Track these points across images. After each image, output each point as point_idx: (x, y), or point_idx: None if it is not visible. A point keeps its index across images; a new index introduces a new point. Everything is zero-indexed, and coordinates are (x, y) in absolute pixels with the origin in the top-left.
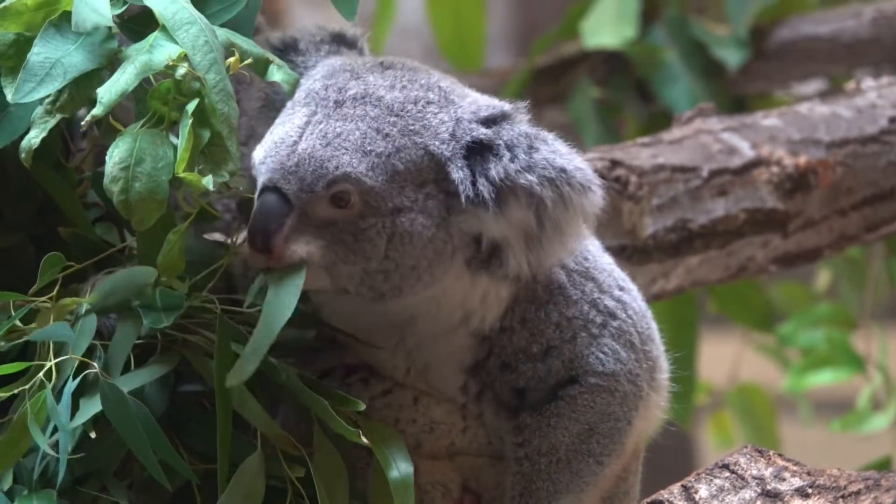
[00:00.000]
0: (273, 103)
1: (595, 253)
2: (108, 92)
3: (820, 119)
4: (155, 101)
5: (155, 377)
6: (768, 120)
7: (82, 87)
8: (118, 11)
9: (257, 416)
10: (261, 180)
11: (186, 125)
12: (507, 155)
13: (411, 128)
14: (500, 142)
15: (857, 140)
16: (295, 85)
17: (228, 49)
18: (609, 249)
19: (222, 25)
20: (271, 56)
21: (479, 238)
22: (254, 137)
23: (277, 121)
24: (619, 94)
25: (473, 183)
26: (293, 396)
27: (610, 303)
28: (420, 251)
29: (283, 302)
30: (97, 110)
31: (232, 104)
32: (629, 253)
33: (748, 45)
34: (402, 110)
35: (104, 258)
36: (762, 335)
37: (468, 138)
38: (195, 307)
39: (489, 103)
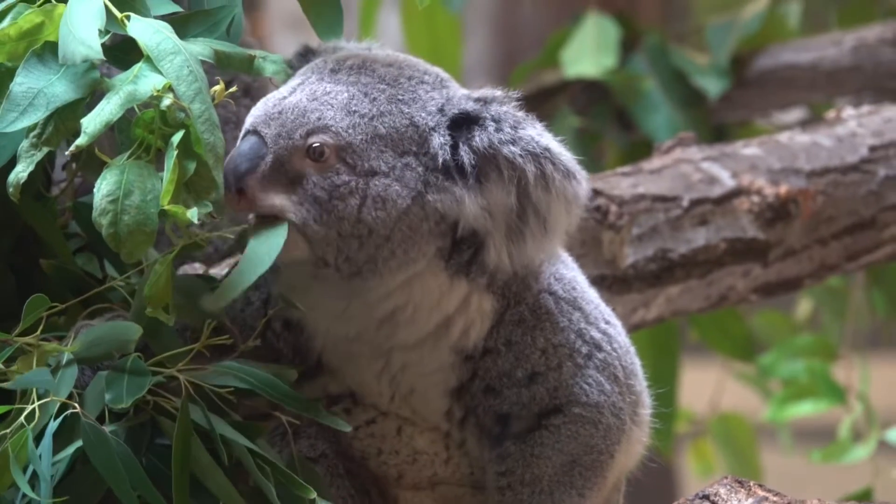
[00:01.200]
0: None
1: (583, 284)
2: (93, 122)
3: (800, 148)
4: (139, 130)
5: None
6: (749, 149)
7: (66, 117)
8: (102, 41)
9: (220, 487)
10: (244, 127)
11: (172, 157)
12: (493, 126)
13: (399, 97)
14: (487, 115)
15: (837, 169)
16: (286, 73)
17: (211, 58)
18: (589, 279)
19: None
20: (253, 52)
21: (455, 226)
22: None
23: None
24: (599, 122)
25: (454, 151)
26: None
27: (596, 334)
28: (394, 221)
29: (262, 254)
30: (81, 140)
31: (217, 134)
32: (609, 282)
33: (728, 73)
34: (394, 81)
35: (85, 287)
36: (742, 364)
37: (455, 111)
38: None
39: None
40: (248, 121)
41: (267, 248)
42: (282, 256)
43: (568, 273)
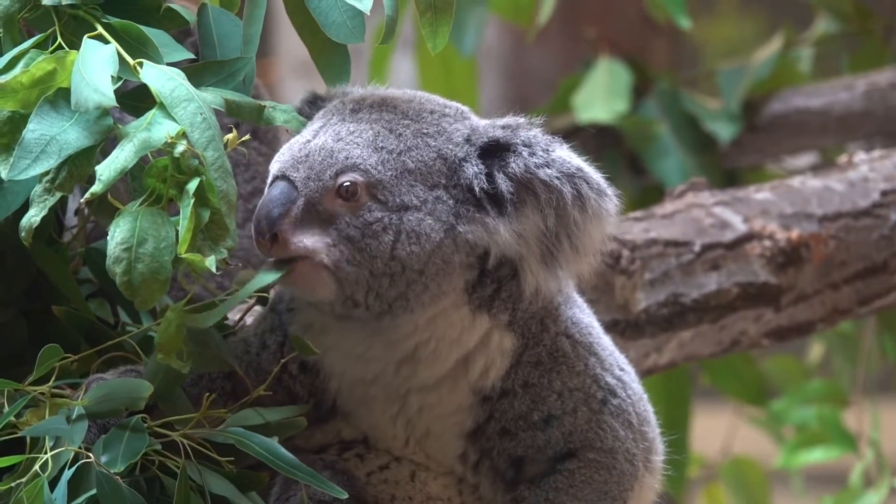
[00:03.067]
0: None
1: (598, 330)
2: (108, 169)
3: (812, 193)
4: (151, 179)
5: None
6: (760, 194)
7: (79, 164)
8: (114, 87)
9: None
10: (270, 174)
11: (188, 205)
12: (526, 150)
13: (425, 131)
14: (518, 140)
15: (849, 214)
16: (298, 121)
17: (222, 107)
18: (602, 324)
19: None
20: (264, 101)
21: (484, 258)
22: (249, 220)
23: None
24: (610, 167)
25: (490, 179)
26: None
27: (611, 380)
28: (428, 255)
29: (263, 281)
30: (96, 188)
31: (230, 181)
32: (622, 327)
33: (740, 118)
34: (417, 116)
35: (98, 333)
36: (755, 409)
37: (484, 139)
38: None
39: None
40: (275, 167)
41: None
42: (310, 296)
43: (584, 318)
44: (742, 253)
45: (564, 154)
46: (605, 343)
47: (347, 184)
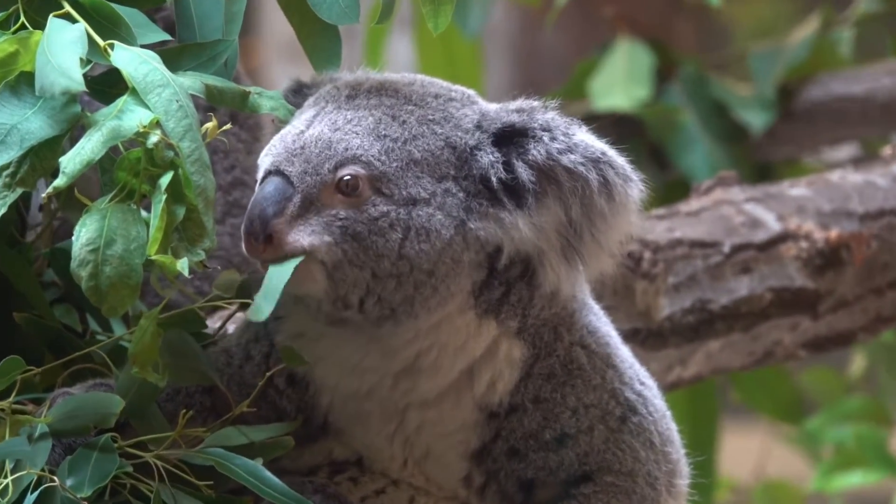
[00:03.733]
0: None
1: (616, 340)
2: (72, 161)
3: (853, 188)
4: (123, 172)
5: None
6: (796, 189)
7: (43, 155)
8: (83, 71)
9: None
10: (262, 169)
11: (160, 202)
12: (546, 135)
13: (430, 118)
14: (536, 124)
15: (894, 211)
16: (285, 108)
17: (201, 93)
18: (621, 333)
19: None
20: (248, 88)
21: (493, 256)
22: (230, 214)
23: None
24: (631, 160)
25: (507, 168)
26: None
27: (631, 396)
28: (438, 254)
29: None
30: (60, 181)
31: (208, 175)
32: (643, 337)
33: (774, 105)
34: (421, 101)
35: (64, 342)
36: (790, 427)
37: (498, 125)
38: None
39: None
40: (266, 161)
41: (282, 275)
42: (296, 288)
43: (602, 326)
44: (776, 255)
45: (587, 137)
46: (623, 354)
47: (348, 177)
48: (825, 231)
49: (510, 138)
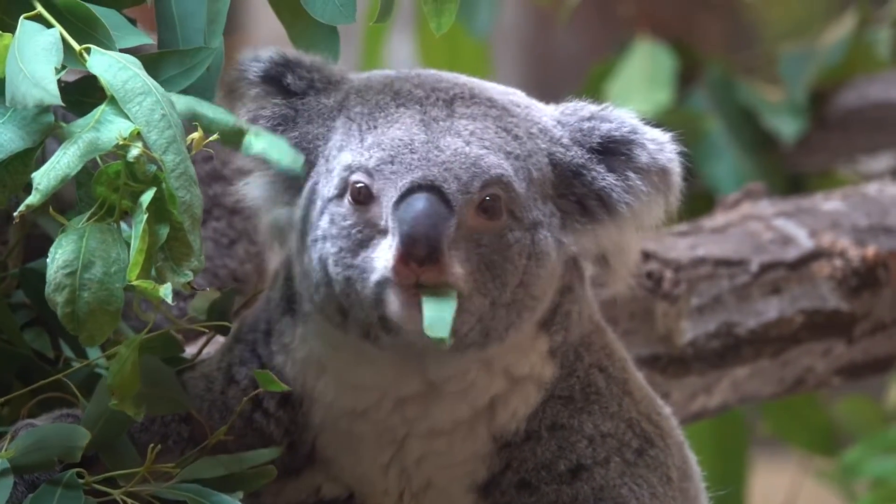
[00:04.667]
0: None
1: (630, 364)
2: (46, 177)
3: (892, 202)
4: (101, 188)
5: None
6: (830, 203)
7: (14, 170)
8: (57, 77)
9: None
10: (406, 180)
11: (141, 221)
12: (650, 142)
13: (531, 131)
14: (633, 132)
15: None
16: (289, 158)
17: (190, 121)
18: (640, 358)
19: (181, 92)
20: (245, 124)
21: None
22: (211, 215)
23: (352, 132)
24: None
25: (624, 183)
26: None
27: (648, 427)
28: (548, 278)
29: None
30: (33, 199)
31: (195, 190)
32: (664, 363)
33: (806, 111)
34: (514, 111)
35: (33, 370)
36: (824, 461)
37: (597, 140)
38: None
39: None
40: (404, 171)
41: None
42: (414, 325)
43: (618, 349)
44: (808, 274)
45: (657, 132)
46: (639, 381)
47: (490, 199)
48: (861, 248)
49: (610, 150)
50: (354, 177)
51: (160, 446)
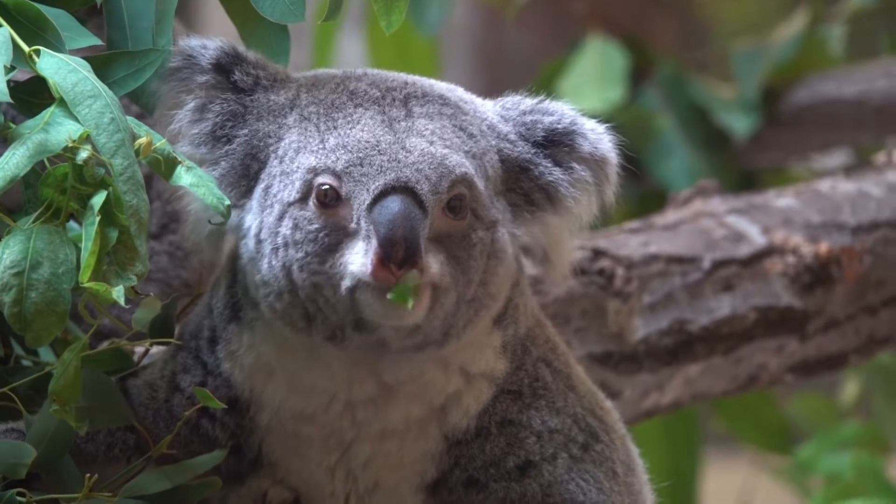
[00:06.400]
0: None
1: (572, 358)
2: None
3: (844, 198)
4: (49, 189)
5: None
6: (782, 199)
7: None
8: (7, 78)
9: None
10: (379, 182)
11: (93, 223)
12: (589, 128)
13: (482, 128)
14: (577, 125)
15: (888, 223)
16: (215, 198)
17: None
18: (592, 356)
19: (128, 95)
20: (181, 157)
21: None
22: (168, 229)
23: (310, 133)
24: None
25: (570, 176)
26: None
27: (592, 422)
28: (505, 273)
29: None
30: None
31: (142, 195)
32: (615, 360)
33: (759, 108)
34: (465, 108)
35: None
36: (777, 458)
37: (541, 133)
38: None
39: (506, 97)
40: (374, 174)
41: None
42: (403, 318)
43: (560, 343)
44: (760, 271)
45: (592, 122)
46: (581, 375)
47: (457, 198)
48: (814, 245)
49: (553, 142)
50: (320, 179)
51: (96, 476)
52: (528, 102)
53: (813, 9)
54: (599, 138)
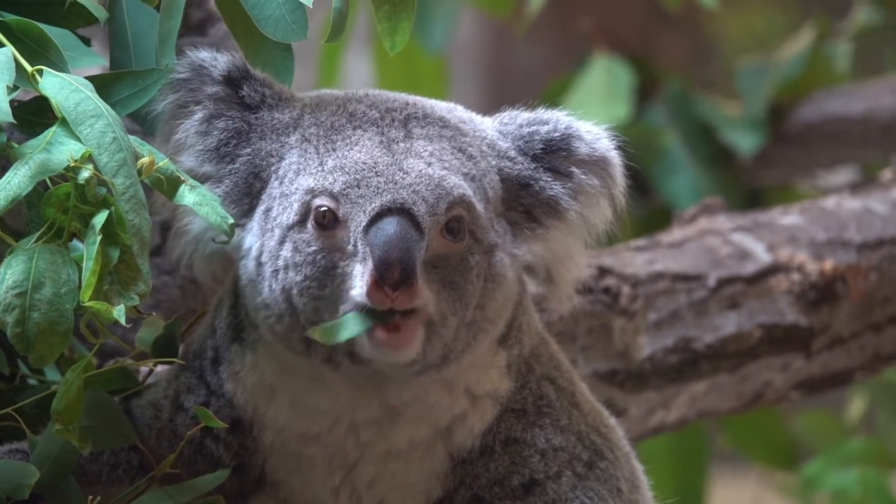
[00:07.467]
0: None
1: (576, 375)
2: None
3: (850, 216)
4: (51, 209)
5: None
6: (788, 217)
7: None
8: (10, 98)
9: None
10: (375, 203)
11: (94, 243)
12: (585, 130)
13: (482, 148)
14: (571, 128)
15: (894, 241)
16: (219, 217)
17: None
18: (597, 375)
19: (131, 115)
20: (184, 175)
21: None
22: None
23: (310, 155)
24: None
25: (571, 184)
26: None
27: (597, 439)
28: (504, 298)
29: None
30: None
31: (144, 214)
32: (621, 378)
33: (765, 126)
34: (464, 129)
35: None
36: (784, 474)
37: (538, 147)
38: None
39: (500, 114)
40: (371, 195)
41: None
42: (393, 357)
43: (563, 360)
44: (766, 288)
45: (591, 125)
46: (585, 392)
47: (455, 220)
48: (819, 262)
49: (551, 150)
50: (318, 201)
51: (98, 499)
52: (524, 116)
53: (819, 26)
54: (596, 139)
